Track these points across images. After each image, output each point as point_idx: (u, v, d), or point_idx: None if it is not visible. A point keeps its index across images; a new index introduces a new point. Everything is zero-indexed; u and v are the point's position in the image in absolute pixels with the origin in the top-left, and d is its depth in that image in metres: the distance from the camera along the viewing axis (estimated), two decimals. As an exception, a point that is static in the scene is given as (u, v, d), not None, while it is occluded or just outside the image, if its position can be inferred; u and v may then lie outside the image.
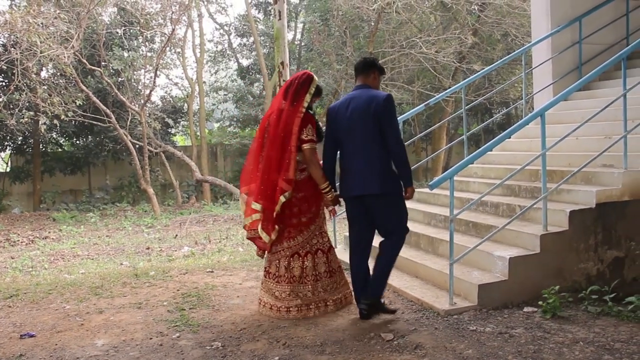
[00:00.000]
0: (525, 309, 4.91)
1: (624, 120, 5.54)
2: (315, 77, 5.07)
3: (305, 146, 4.88)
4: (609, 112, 5.83)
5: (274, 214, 4.90)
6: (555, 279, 5.14)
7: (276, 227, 4.97)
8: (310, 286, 5.05)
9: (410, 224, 6.71)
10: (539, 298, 4.92)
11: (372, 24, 17.05)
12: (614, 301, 4.85)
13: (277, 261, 5.10)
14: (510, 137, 6.20)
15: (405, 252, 6.26)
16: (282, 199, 4.85)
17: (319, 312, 5.03)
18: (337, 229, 7.95)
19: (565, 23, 8.05)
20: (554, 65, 8.13)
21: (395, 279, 5.77)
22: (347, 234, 7.51)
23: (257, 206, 4.98)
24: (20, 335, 4.75)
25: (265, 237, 4.98)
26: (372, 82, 4.97)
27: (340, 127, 4.85)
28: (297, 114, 4.88)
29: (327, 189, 4.97)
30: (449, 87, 11.94)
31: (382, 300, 4.99)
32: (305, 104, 4.92)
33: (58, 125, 15.74)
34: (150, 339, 4.59)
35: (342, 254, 7.20)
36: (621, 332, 4.37)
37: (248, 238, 5.25)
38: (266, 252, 5.17)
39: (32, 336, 4.73)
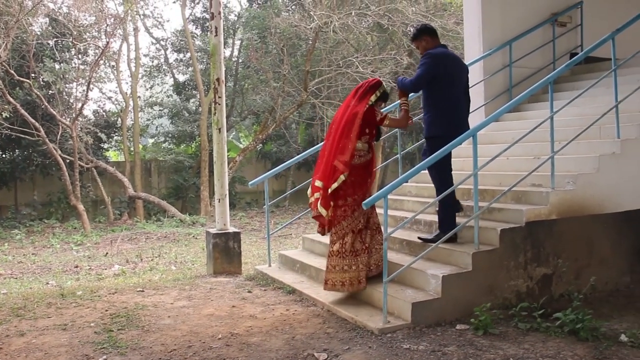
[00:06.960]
0: (458, 327, 4.95)
1: (551, 141, 5.71)
2: (384, 84, 5.83)
3: (386, 121, 5.72)
4: (537, 133, 6.00)
5: (329, 191, 5.49)
6: (487, 296, 5.23)
7: (331, 203, 5.54)
8: (348, 260, 5.55)
9: (345, 242, 6.73)
10: (471, 315, 4.99)
11: (310, 42, 17.16)
12: (543, 317, 4.97)
13: (337, 238, 5.62)
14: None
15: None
16: (341, 177, 5.47)
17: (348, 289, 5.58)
18: (272, 247, 7.87)
19: (496, 47, 8.31)
20: (485, 87, 8.37)
21: (330, 296, 5.74)
22: (283, 252, 7.45)
23: (319, 183, 5.59)
24: None
25: (323, 212, 5.54)
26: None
27: (447, 74, 5.71)
28: (361, 107, 5.58)
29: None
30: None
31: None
32: (370, 103, 5.62)
33: (-17, 138, 15.09)
34: (75, 362, 4.39)
35: (276, 272, 7.14)
36: (549, 348, 4.47)
37: (313, 217, 5.79)
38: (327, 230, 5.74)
39: (-55, 361, 4.47)
